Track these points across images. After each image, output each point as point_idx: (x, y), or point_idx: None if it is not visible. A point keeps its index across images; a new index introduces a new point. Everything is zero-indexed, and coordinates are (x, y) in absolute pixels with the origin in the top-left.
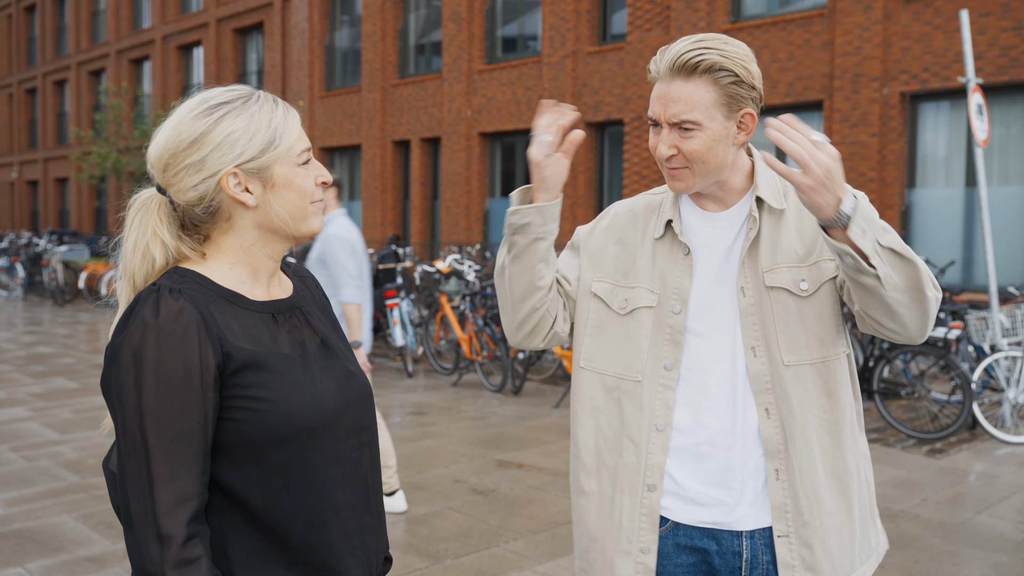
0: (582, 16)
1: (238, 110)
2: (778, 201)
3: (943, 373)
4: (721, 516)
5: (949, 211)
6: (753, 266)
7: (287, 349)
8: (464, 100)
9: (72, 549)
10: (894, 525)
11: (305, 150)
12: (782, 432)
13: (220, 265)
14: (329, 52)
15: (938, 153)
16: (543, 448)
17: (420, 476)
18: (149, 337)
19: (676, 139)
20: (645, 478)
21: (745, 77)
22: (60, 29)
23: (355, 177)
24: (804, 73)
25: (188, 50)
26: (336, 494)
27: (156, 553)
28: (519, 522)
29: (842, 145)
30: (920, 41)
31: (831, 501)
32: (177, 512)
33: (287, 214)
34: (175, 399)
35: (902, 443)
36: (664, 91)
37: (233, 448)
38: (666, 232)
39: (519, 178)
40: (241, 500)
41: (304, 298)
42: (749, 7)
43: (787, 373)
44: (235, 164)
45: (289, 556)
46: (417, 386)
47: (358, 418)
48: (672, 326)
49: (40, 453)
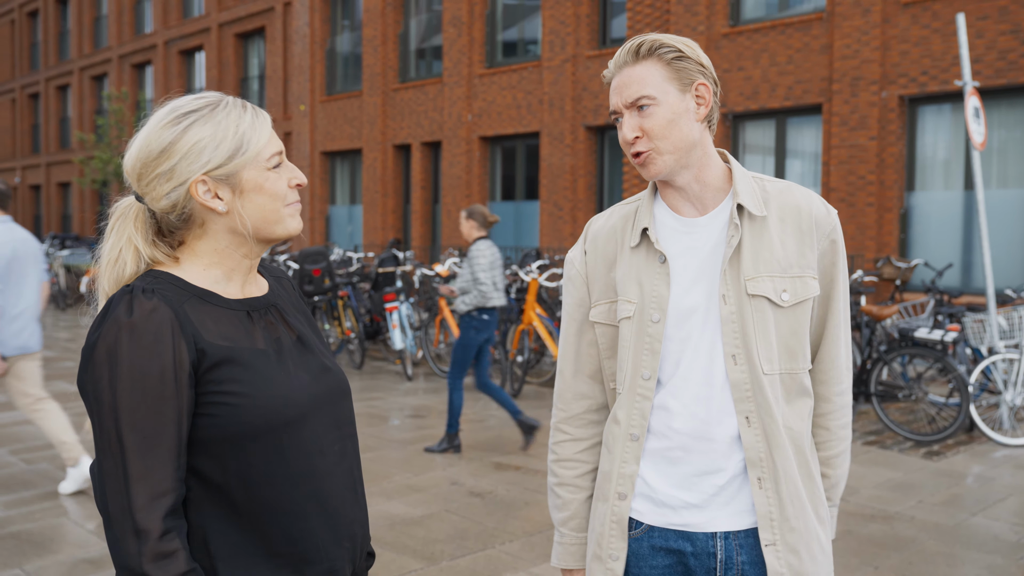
0: (582, 20)
1: (205, 118)
2: (759, 208)
3: (940, 375)
4: (690, 518)
5: (948, 214)
6: (735, 274)
7: (262, 345)
8: (464, 104)
9: (70, 551)
10: (889, 527)
11: (276, 153)
12: (765, 440)
13: (194, 267)
14: (330, 57)
15: (937, 156)
16: (541, 451)
17: (418, 478)
18: (123, 336)
19: (637, 120)
20: (617, 486)
21: (688, 53)
22: (63, 34)
23: (356, 181)
24: (803, 76)
25: (190, 55)
26: (320, 485)
27: (134, 548)
28: (515, 524)
29: (841, 148)
30: (918, 45)
31: (811, 507)
32: (153, 507)
33: (259, 218)
34: (149, 396)
35: (899, 445)
36: (618, 81)
37: (212, 442)
38: (642, 240)
39: (519, 182)
40: (222, 493)
41: (280, 297)
42: (748, 11)
43: (766, 381)
44: (203, 172)
45: (271, 547)
46: (416, 389)
47: (337, 411)
48: (652, 335)
49: (40, 456)
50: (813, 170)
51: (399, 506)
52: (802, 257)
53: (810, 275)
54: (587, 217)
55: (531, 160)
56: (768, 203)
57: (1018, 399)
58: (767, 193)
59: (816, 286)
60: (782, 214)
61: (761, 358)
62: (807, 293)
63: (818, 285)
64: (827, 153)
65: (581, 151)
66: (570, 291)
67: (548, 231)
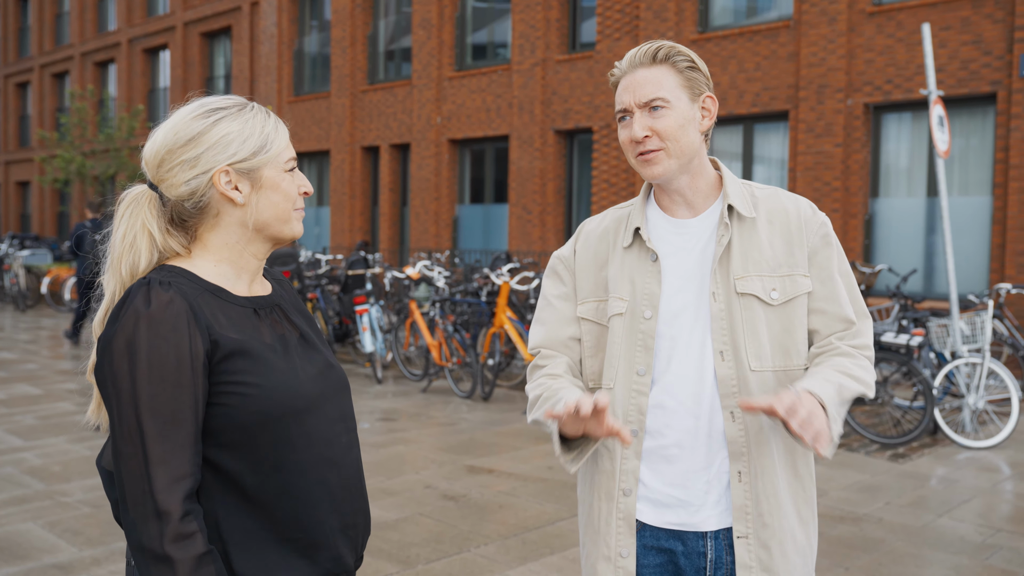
0: (552, 24)
1: (234, 115)
2: (748, 209)
3: (905, 379)
4: (687, 517)
5: (911, 220)
6: (724, 272)
7: (269, 340)
8: (434, 107)
9: (38, 556)
10: (858, 528)
11: (292, 159)
12: (746, 435)
13: (205, 263)
14: (298, 57)
15: (900, 163)
16: (513, 454)
17: (390, 482)
18: (141, 326)
19: (648, 120)
20: (620, 483)
21: (700, 65)
22: (23, 30)
23: (324, 183)
24: (770, 84)
25: (154, 53)
26: (328, 475)
27: (155, 529)
28: (490, 527)
29: (807, 155)
30: (883, 53)
31: (789, 505)
32: (173, 489)
33: (272, 215)
34: (168, 383)
35: (866, 448)
36: (630, 80)
37: (223, 432)
38: (634, 240)
39: (488, 185)
40: (233, 481)
41: (282, 298)
42: (716, 17)
43: (753, 378)
44: (228, 163)
45: (281, 534)
46: (387, 392)
47: (341, 405)
48: (644, 332)
49: (4, 460)
50: (779, 176)
51: (373, 510)
52: (791, 256)
53: (800, 273)
54: (556, 221)
55: (500, 163)
56: (757, 206)
57: (980, 402)
58: (756, 198)
59: (807, 283)
60: (770, 216)
61: (749, 355)
62: (797, 290)
63: (809, 282)
64: (793, 159)
65: (550, 155)
66: (555, 283)
67: (517, 234)
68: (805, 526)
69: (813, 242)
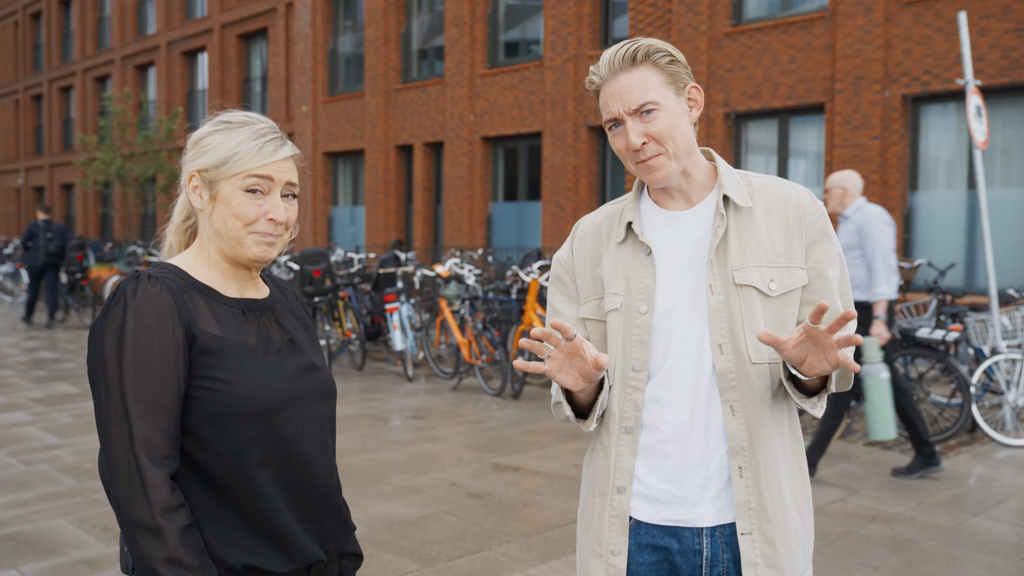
0: (584, 20)
1: (230, 130)
2: (744, 199)
3: (942, 376)
4: (683, 513)
5: (951, 214)
6: (721, 264)
7: (253, 340)
8: (467, 104)
9: (67, 552)
10: (889, 528)
11: (256, 176)
12: (747, 429)
13: (198, 263)
14: (332, 57)
15: (940, 156)
16: (540, 452)
17: (416, 480)
18: (129, 316)
19: (641, 125)
20: (615, 480)
21: (678, 57)
22: (66, 36)
23: (358, 182)
24: (805, 76)
25: (193, 56)
26: (294, 472)
27: (143, 502)
28: (513, 525)
29: (844, 148)
30: (921, 43)
31: (790, 498)
32: (159, 466)
33: (221, 230)
34: (152, 371)
35: (901, 446)
36: (614, 88)
37: (195, 422)
38: (628, 235)
39: (521, 182)
40: (202, 469)
41: (278, 302)
42: (750, 10)
43: (754, 371)
44: (197, 168)
45: (247, 520)
46: (417, 390)
47: (319, 408)
48: (640, 326)
49: (38, 457)
50: (816, 170)
51: (396, 507)
52: (789, 247)
53: (797, 265)
54: None
55: (533, 160)
56: (754, 196)
57: (1021, 399)
58: (752, 187)
59: (803, 276)
60: (768, 206)
61: (749, 347)
62: (794, 283)
63: (805, 275)
64: (830, 153)
65: (583, 151)
66: (558, 288)
67: (550, 231)
68: (803, 518)
69: (811, 233)
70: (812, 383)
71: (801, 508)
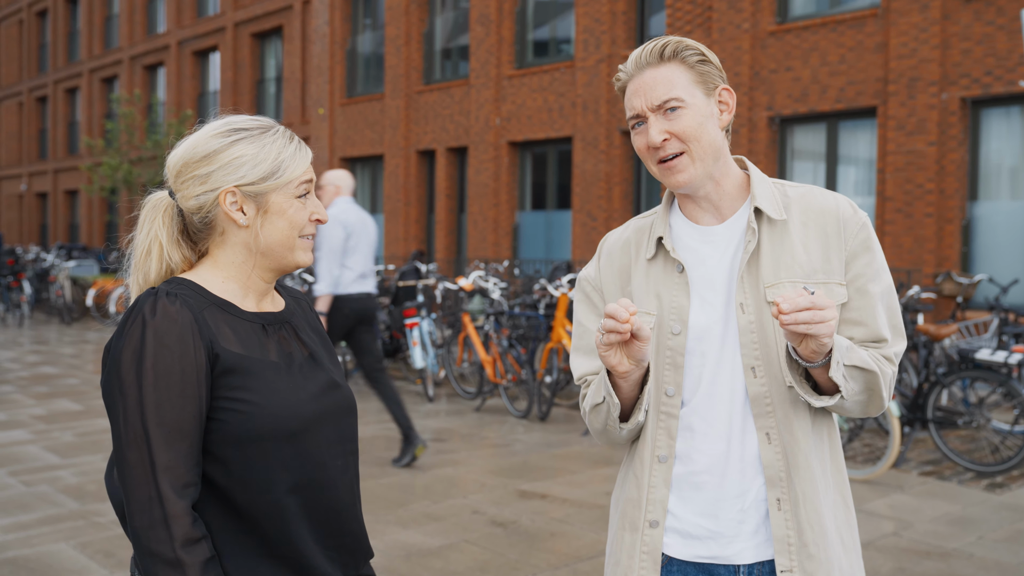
0: (618, 18)
1: (254, 138)
2: (778, 212)
3: (1005, 400)
4: (719, 549)
5: (1014, 225)
6: (753, 281)
7: (275, 357)
8: (492, 107)
9: None
10: (945, 565)
11: (305, 182)
12: (784, 458)
13: (214, 278)
14: (351, 57)
15: (1002, 163)
16: (569, 478)
17: (436, 507)
18: (148, 335)
19: (664, 123)
20: (647, 514)
21: (710, 57)
22: (72, 35)
23: (377, 189)
24: (856, 77)
25: (204, 56)
26: (319, 496)
27: (164, 534)
28: (539, 556)
29: (897, 155)
30: (982, 43)
31: (833, 532)
32: (181, 495)
33: (276, 240)
34: (173, 392)
35: (959, 476)
36: (639, 83)
37: (218, 446)
38: (658, 251)
39: (550, 190)
40: (224, 495)
41: (295, 315)
42: (797, 7)
43: (790, 395)
44: (235, 184)
45: (271, 550)
46: (438, 411)
47: (341, 427)
48: (672, 348)
49: (39, 478)
50: (867, 178)
51: (416, 535)
52: (827, 262)
53: (836, 281)
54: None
55: (563, 167)
56: (789, 207)
57: None
58: (788, 198)
59: (843, 293)
60: (805, 218)
61: (784, 370)
62: (833, 300)
63: (845, 292)
64: (882, 159)
65: (616, 157)
66: (586, 307)
67: (581, 242)
68: (849, 554)
69: (852, 246)
70: (827, 385)
71: (846, 542)
